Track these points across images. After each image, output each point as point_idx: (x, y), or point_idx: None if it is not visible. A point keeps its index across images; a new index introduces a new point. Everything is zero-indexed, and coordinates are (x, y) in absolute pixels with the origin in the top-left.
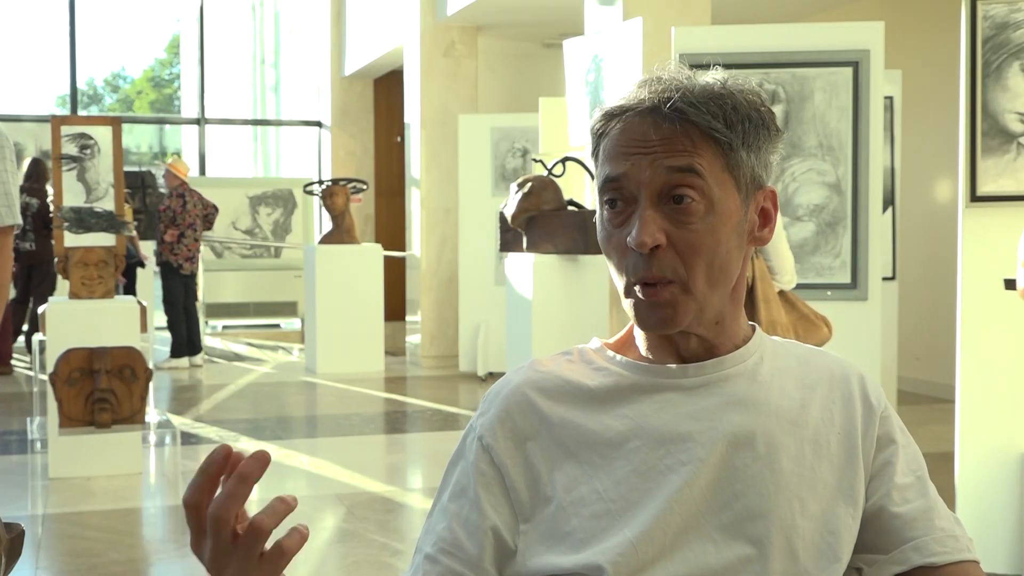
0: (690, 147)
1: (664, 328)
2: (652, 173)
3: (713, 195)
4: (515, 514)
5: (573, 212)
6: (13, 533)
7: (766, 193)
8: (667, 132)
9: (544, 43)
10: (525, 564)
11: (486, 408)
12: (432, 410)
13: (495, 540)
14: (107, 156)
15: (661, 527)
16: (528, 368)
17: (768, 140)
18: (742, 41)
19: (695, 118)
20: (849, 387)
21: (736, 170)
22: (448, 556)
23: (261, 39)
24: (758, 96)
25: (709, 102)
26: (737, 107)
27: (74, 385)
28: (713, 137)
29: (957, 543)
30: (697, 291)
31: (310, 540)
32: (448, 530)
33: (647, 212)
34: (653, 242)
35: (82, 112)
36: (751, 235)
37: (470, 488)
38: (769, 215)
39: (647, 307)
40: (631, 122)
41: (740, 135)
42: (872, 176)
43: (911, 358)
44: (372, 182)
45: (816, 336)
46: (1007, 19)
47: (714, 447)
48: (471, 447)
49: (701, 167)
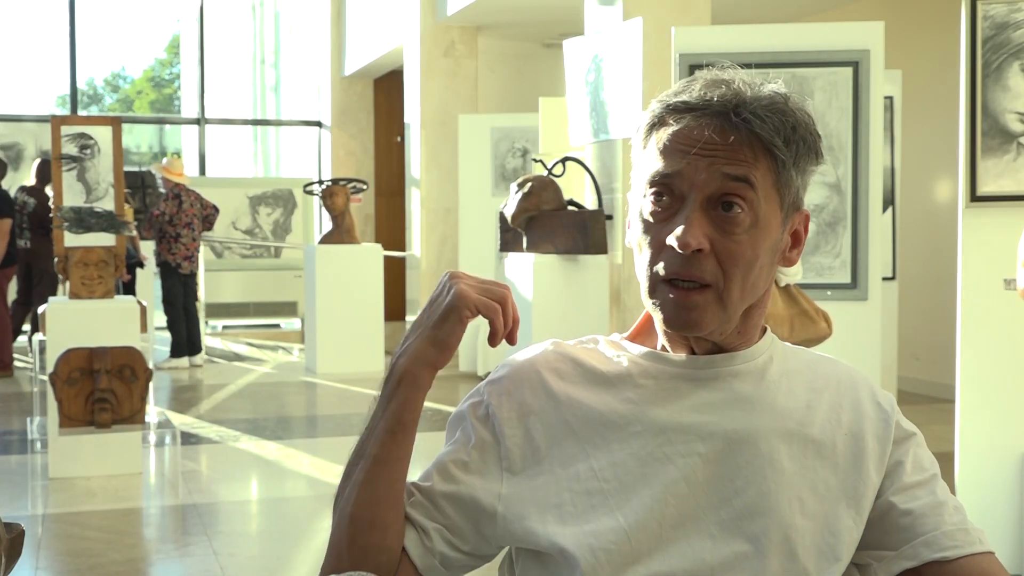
0: (750, 158)
1: (689, 330)
2: (708, 176)
3: (760, 209)
4: (501, 481)
5: (573, 212)
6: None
7: (802, 216)
8: (731, 139)
9: (544, 43)
10: (507, 528)
11: (498, 375)
12: (432, 410)
13: (470, 504)
14: (107, 156)
15: (656, 518)
16: (548, 348)
17: (814, 164)
18: (742, 41)
19: (760, 130)
20: (857, 393)
21: (785, 188)
22: (422, 491)
23: (261, 39)
24: (812, 118)
25: (775, 116)
26: (796, 126)
27: (74, 385)
28: (772, 152)
29: (968, 536)
30: (729, 302)
31: (310, 540)
32: (434, 471)
33: (695, 214)
34: (697, 245)
35: (82, 112)
36: (782, 255)
37: (465, 448)
38: (799, 237)
39: (676, 306)
40: (695, 121)
41: (794, 155)
42: (872, 176)
43: (911, 358)
44: (372, 182)
45: (814, 331)
46: (1007, 19)
47: (715, 443)
48: (475, 410)
49: (755, 180)
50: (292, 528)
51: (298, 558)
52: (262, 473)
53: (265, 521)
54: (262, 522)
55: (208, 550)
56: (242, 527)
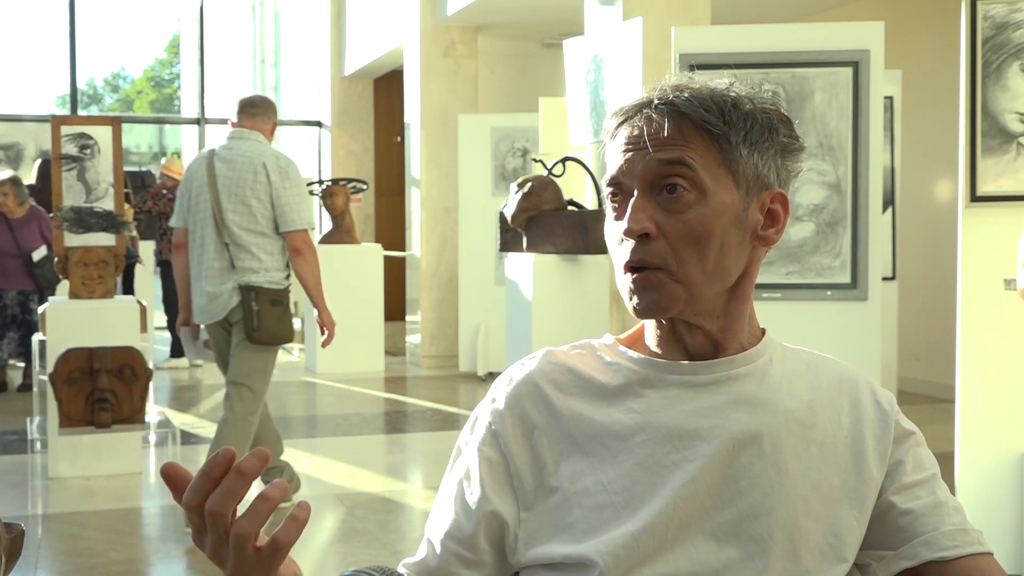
0: (680, 140)
1: (652, 313)
2: (644, 167)
3: (706, 187)
4: (517, 502)
5: (573, 212)
6: (13, 533)
7: (773, 194)
8: (658, 126)
9: (544, 43)
10: (526, 553)
11: (496, 394)
12: (432, 410)
13: (494, 522)
14: (107, 156)
15: (664, 521)
16: (541, 358)
17: (776, 142)
18: (742, 41)
19: (686, 109)
20: (858, 392)
21: (734, 164)
22: (450, 539)
23: (261, 39)
24: (770, 102)
25: (705, 98)
26: (738, 104)
27: (74, 385)
28: (707, 130)
29: (967, 537)
30: (686, 279)
31: (310, 540)
32: (452, 513)
33: (637, 201)
34: (640, 229)
35: (82, 112)
36: (755, 233)
37: (475, 472)
38: (777, 217)
39: (633, 292)
40: (629, 121)
41: (740, 132)
42: (872, 176)
43: (911, 358)
44: (372, 182)
45: None
46: (1007, 19)
47: (721, 445)
48: (479, 431)
49: (692, 159)
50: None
51: (298, 558)
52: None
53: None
54: None
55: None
56: None
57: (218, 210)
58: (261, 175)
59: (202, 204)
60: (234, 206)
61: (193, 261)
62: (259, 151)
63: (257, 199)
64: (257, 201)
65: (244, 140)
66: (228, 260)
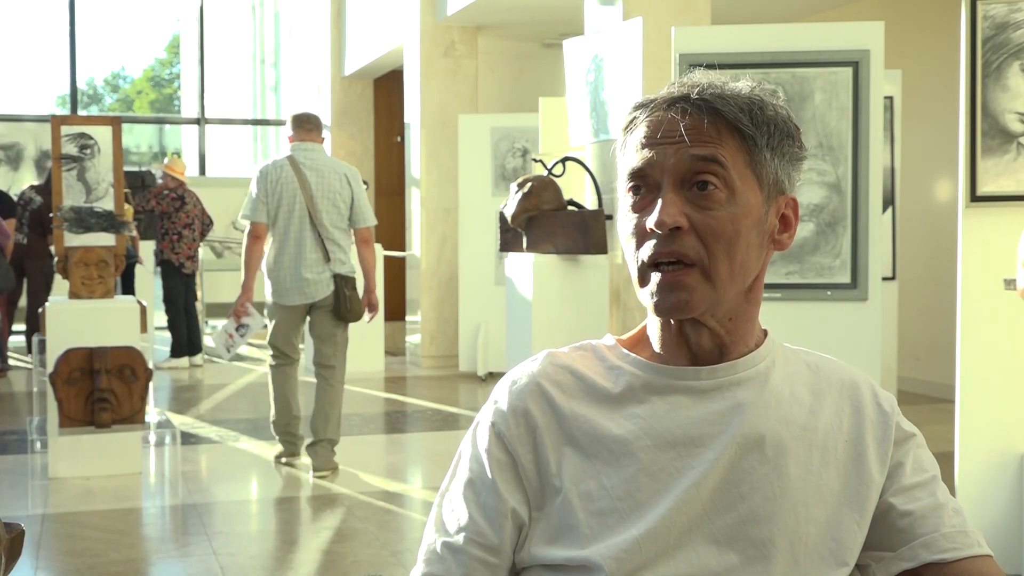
0: (715, 137)
1: (679, 312)
2: (677, 160)
3: (735, 186)
4: (528, 500)
5: (573, 212)
6: (13, 533)
7: (788, 200)
8: (694, 121)
9: (544, 43)
10: (528, 552)
11: (499, 397)
12: (432, 410)
13: (514, 524)
14: (107, 156)
15: (666, 526)
16: (544, 360)
17: (792, 149)
18: (742, 41)
19: (722, 108)
20: (859, 395)
21: (759, 167)
22: (472, 544)
23: (261, 39)
24: (787, 110)
25: (737, 97)
26: (764, 108)
27: (74, 385)
28: (739, 131)
29: (967, 539)
30: (717, 279)
31: (310, 540)
32: (469, 518)
33: (669, 195)
34: (673, 223)
35: (82, 112)
36: (771, 237)
37: (485, 474)
38: (789, 222)
39: (663, 288)
40: (658, 113)
41: (765, 135)
42: (872, 176)
43: (911, 358)
44: (372, 182)
45: None
46: (1007, 19)
47: (724, 450)
48: (483, 435)
49: (724, 158)
50: (292, 528)
51: (298, 558)
52: (262, 473)
53: (265, 521)
54: (262, 522)
55: (208, 550)
56: (242, 527)
57: (313, 211)
58: (345, 183)
59: (297, 206)
60: (327, 208)
61: (283, 252)
62: (336, 162)
63: (344, 202)
64: (344, 204)
65: (317, 152)
66: (323, 252)
